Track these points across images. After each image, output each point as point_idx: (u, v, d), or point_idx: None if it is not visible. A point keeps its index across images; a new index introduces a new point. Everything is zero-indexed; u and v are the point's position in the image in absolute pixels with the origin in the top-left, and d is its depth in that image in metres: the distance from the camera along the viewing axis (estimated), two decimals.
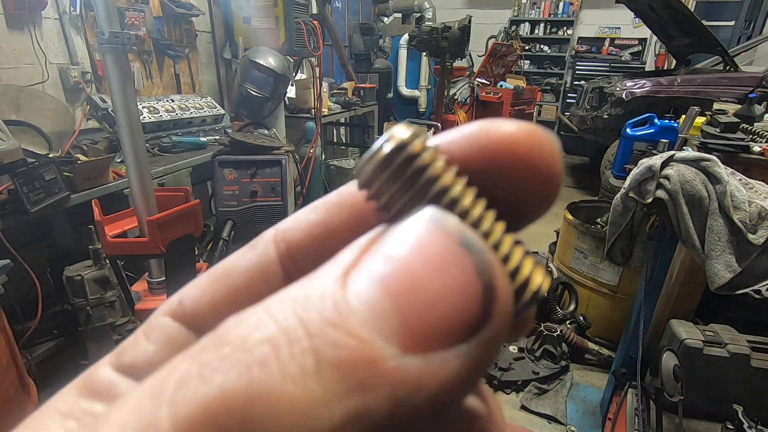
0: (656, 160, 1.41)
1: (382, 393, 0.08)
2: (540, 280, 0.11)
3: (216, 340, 0.09)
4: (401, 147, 0.11)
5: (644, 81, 4.25)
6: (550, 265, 2.63)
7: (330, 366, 0.08)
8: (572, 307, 2.44)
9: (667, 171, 1.38)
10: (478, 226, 0.11)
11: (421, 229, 0.10)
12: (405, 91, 6.56)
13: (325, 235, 0.13)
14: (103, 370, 0.13)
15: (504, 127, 0.12)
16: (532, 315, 0.12)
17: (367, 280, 0.09)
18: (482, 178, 0.12)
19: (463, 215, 0.11)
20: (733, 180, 1.33)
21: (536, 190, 0.12)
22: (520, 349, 2.27)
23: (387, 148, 0.11)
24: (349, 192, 0.13)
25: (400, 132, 0.12)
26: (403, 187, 0.11)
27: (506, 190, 0.12)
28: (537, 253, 2.71)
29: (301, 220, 0.14)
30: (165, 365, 0.10)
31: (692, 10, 4.78)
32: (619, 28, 6.97)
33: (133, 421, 0.08)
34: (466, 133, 0.12)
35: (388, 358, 0.08)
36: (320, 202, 0.14)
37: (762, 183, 1.37)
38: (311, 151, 3.23)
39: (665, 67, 6.24)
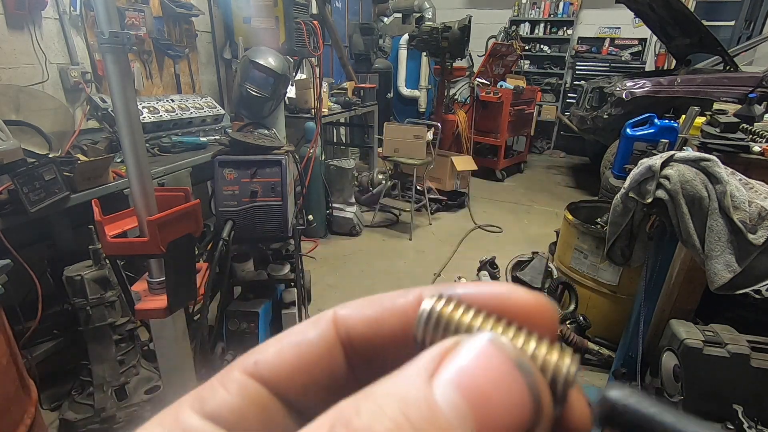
0: (656, 160, 1.41)
1: None
2: (566, 373, 0.14)
3: (344, 425, 0.12)
4: (433, 310, 0.16)
5: (644, 81, 4.25)
6: (550, 265, 2.62)
7: None
8: (572, 307, 2.44)
9: (667, 171, 1.38)
10: (516, 342, 0.14)
11: (483, 348, 0.14)
12: (405, 91, 6.56)
13: (377, 329, 0.17)
14: (189, 417, 0.15)
15: (522, 297, 0.16)
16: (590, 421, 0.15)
17: (449, 386, 0.13)
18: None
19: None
20: (733, 180, 1.33)
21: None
22: None
23: (424, 316, 0.16)
24: (397, 301, 0.17)
25: (432, 301, 0.16)
26: (443, 335, 0.15)
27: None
28: (537, 253, 2.71)
29: (358, 312, 0.17)
30: None
31: (692, 10, 4.78)
32: (619, 28, 6.97)
33: None
34: (492, 294, 0.16)
35: None
36: (374, 301, 0.17)
37: (762, 183, 1.37)
38: (311, 151, 3.23)
39: (665, 67, 6.24)
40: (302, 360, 0.17)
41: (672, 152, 1.45)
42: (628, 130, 2.40)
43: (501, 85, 5.52)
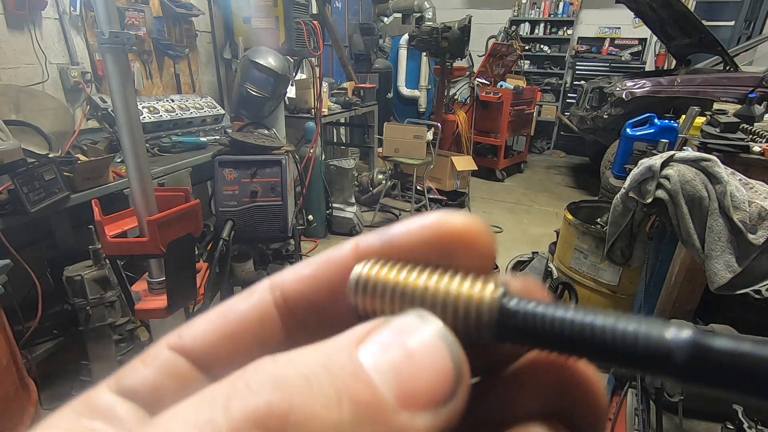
0: (656, 160, 1.41)
1: (381, 429, 0.12)
2: (485, 308, 0.14)
3: (255, 371, 0.12)
4: (361, 275, 0.15)
5: (644, 81, 4.25)
6: (550, 265, 2.62)
7: (348, 402, 0.12)
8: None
9: (667, 171, 1.38)
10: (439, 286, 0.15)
11: (412, 323, 0.14)
12: (405, 91, 6.56)
13: (314, 286, 0.16)
14: (102, 394, 0.15)
15: (451, 224, 0.15)
16: None
17: (375, 347, 0.13)
18: (434, 258, 0.15)
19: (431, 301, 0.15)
20: (733, 180, 1.33)
21: (478, 265, 0.16)
22: None
23: (354, 282, 0.15)
24: (335, 254, 0.17)
25: (361, 266, 0.16)
26: (378, 299, 0.15)
27: (456, 265, 0.16)
28: (537, 253, 2.71)
29: (295, 273, 0.17)
30: (210, 386, 0.12)
31: (692, 10, 4.77)
32: (619, 28, 6.96)
33: (192, 423, 0.11)
34: (423, 228, 0.16)
35: (391, 410, 0.12)
36: (312, 260, 0.17)
37: (762, 183, 1.37)
38: (311, 151, 3.23)
39: (665, 67, 6.24)
40: (227, 330, 0.16)
41: (672, 152, 1.45)
42: (628, 130, 2.40)
43: (501, 85, 5.52)
